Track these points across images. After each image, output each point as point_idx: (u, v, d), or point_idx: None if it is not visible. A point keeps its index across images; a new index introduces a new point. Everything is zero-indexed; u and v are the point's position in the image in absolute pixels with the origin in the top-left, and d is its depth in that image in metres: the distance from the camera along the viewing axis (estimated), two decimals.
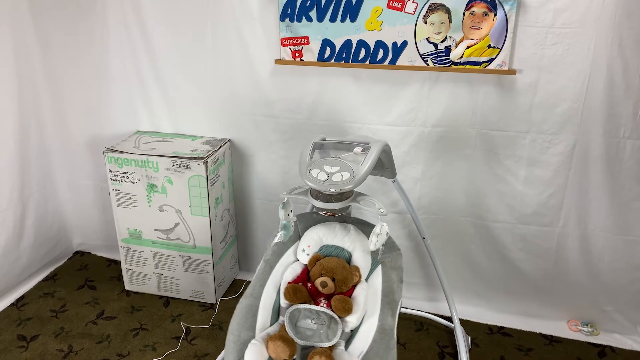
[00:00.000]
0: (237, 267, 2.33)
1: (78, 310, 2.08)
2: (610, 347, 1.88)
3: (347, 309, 1.33)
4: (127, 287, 2.21)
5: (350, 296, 1.40)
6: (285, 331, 1.28)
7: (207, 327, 1.99)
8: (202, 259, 2.06)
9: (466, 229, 1.96)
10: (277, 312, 1.40)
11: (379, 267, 1.49)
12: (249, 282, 2.24)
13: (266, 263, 1.49)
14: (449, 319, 1.94)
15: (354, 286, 1.44)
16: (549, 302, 1.98)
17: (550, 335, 1.93)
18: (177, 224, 2.03)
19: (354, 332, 1.35)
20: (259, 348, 1.23)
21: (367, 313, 1.37)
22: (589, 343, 1.90)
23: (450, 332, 1.94)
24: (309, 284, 1.43)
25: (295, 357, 1.27)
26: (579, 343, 1.90)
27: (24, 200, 2.17)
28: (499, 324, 1.99)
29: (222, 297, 2.17)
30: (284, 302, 1.39)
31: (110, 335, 1.95)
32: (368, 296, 1.41)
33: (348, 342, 1.32)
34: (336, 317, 1.32)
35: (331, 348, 1.28)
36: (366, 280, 1.47)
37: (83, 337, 1.93)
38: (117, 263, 2.36)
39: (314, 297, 1.41)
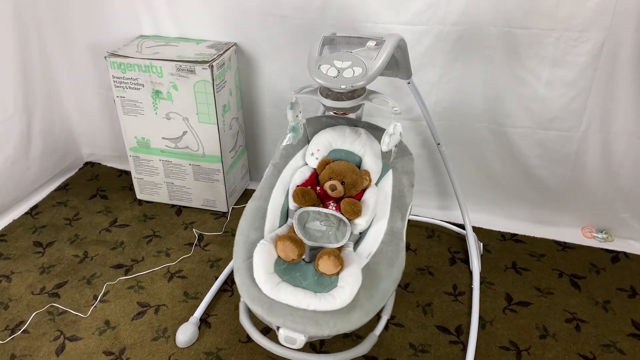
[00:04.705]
0: (248, 177, 2.32)
1: (91, 219, 2.10)
2: (625, 253, 1.86)
3: (356, 212, 1.31)
4: (138, 197, 2.22)
5: (359, 200, 1.38)
6: (294, 232, 1.27)
7: (219, 234, 2.01)
8: (212, 167, 2.04)
9: (483, 135, 1.90)
10: (285, 214, 1.38)
11: (390, 171, 1.46)
12: None
13: (274, 167, 1.45)
14: (462, 227, 1.93)
15: (364, 190, 1.41)
16: (564, 209, 1.95)
17: (564, 242, 1.92)
18: (185, 132, 1.98)
19: (362, 234, 1.33)
20: (267, 247, 1.22)
21: (377, 216, 1.35)
22: (602, 249, 1.88)
23: (462, 239, 1.93)
24: (318, 188, 1.40)
25: (304, 257, 1.26)
26: (592, 249, 1.89)
27: (29, 108, 2.13)
28: (511, 231, 1.98)
29: (234, 205, 2.17)
30: (292, 205, 1.37)
31: (124, 242, 1.97)
32: (378, 200, 1.38)
33: (357, 244, 1.32)
34: (345, 219, 1.30)
35: (340, 249, 1.27)
36: (376, 184, 1.44)
37: (97, 244, 1.96)
38: (127, 174, 2.35)
39: (323, 200, 1.38)
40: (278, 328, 1.12)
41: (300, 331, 1.10)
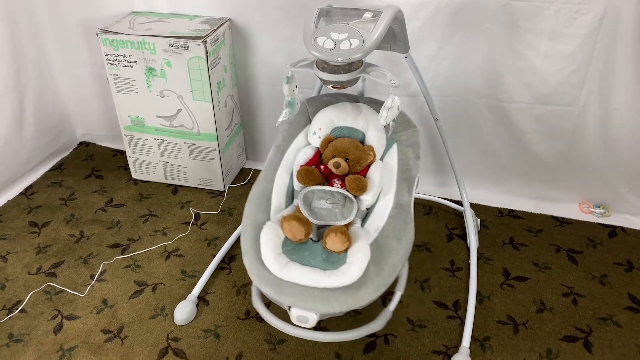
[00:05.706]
0: (244, 155, 2.30)
1: (87, 199, 2.08)
2: (622, 228, 1.86)
3: (361, 187, 1.30)
4: (134, 176, 2.20)
5: (365, 176, 1.36)
6: (300, 212, 1.26)
7: (216, 213, 2.00)
8: (208, 146, 2.02)
9: (480, 111, 1.88)
10: (291, 195, 1.37)
11: (395, 145, 1.44)
12: (257, 170, 2.24)
13: (277, 149, 1.44)
14: (459, 203, 1.92)
15: (369, 166, 1.40)
16: (561, 185, 1.95)
17: (561, 217, 1.92)
18: (179, 110, 1.96)
19: (370, 210, 1.32)
20: (274, 229, 1.21)
21: (383, 191, 1.34)
22: (600, 224, 1.88)
23: (460, 216, 1.93)
24: (322, 166, 1.39)
25: (311, 236, 1.25)
26: (590, 224, 1.89)
27: (20, 87, 2.09)
28: (509, 207, 1.97)
29: (231, 184, 2.16)
30: (297, 185, 1.36)
31: (120, 221, 1.96)
32: (384, 175, 1.37)
33: (364, 220, 1.30)
34: (351, 196, 1.29)
35: (347, 226, 1.26)
36: (381, 159, 1.43)
37: (93, 224, 1.95)
38: (122, 153, 2.33)
39: (327, 178, 1.37)
40: (289, 308, 1.11)
41: (311, 309, 1.08)
